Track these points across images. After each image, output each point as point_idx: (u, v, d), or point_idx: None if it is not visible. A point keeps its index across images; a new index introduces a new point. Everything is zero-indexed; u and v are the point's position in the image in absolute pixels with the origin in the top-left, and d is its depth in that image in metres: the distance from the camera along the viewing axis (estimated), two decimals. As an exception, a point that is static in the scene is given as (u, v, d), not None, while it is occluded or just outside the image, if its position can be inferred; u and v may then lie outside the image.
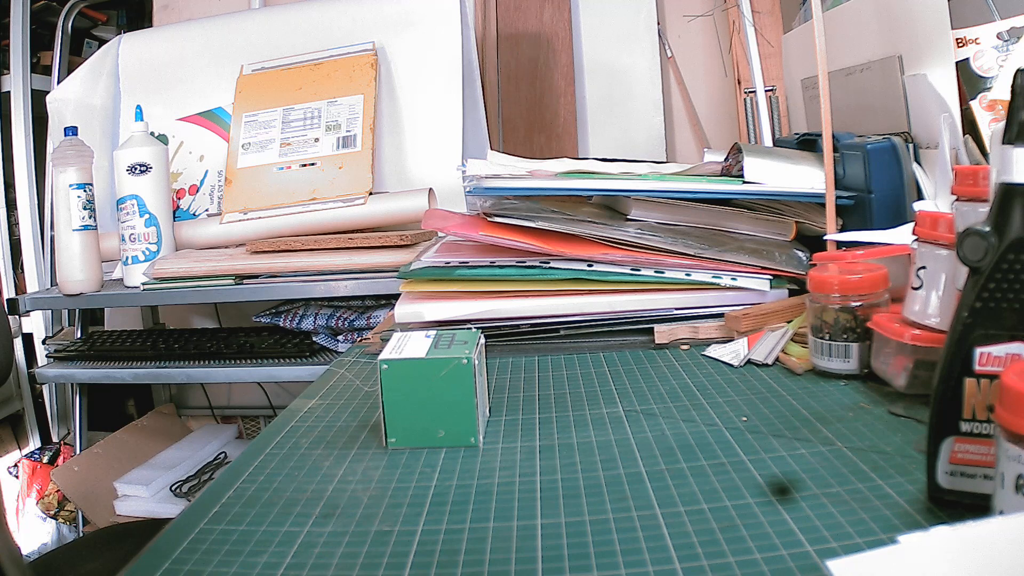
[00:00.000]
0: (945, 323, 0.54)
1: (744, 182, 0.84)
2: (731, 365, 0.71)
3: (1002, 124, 0.39)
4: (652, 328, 0.79)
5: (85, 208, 1.42)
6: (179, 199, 1.63)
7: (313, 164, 1.54)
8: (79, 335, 1.72)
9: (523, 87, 1.79)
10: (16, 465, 1.86)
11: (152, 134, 1.54)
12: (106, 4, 2.10)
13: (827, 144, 0.83)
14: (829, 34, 0.84)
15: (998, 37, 0.84)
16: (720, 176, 0.89)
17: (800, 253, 0.84)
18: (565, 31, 1.79)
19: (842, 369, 0.64)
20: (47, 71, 1.94)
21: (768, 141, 1.39)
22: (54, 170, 1.43)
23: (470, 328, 0.75)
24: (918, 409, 0.56)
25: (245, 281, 1.38)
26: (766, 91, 1.43)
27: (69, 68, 1.89)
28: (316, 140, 1.56)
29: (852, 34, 1.02)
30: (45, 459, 1.81)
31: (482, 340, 0.62)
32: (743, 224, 0.85)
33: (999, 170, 0.39)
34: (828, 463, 0.49)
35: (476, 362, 0.57)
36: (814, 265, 0.75)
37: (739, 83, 1.73)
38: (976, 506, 0.38)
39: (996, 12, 0.86)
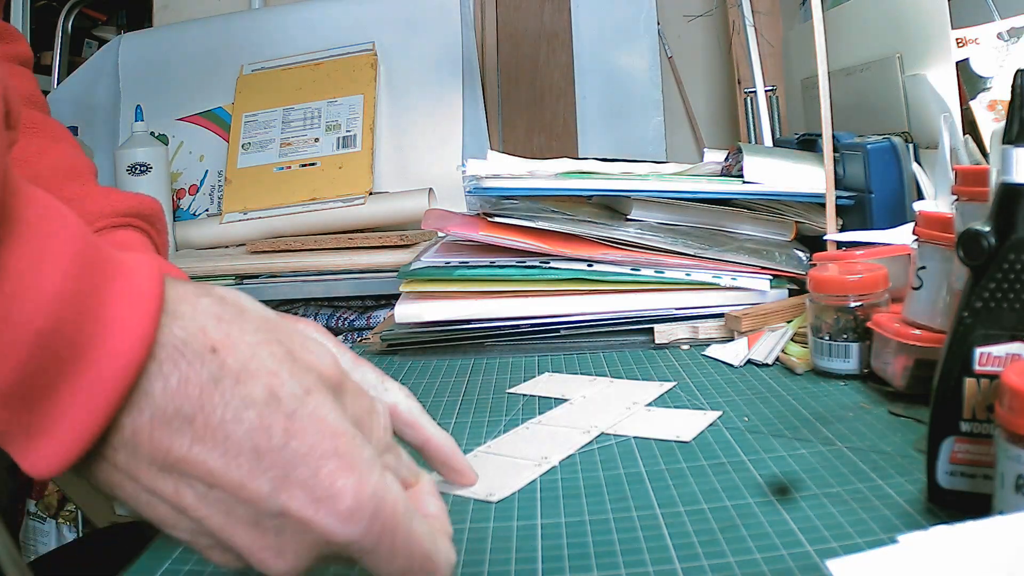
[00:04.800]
0: (945, 323, 0.54)
1: (744, 182, 0.84)
2: (731, 365, 0.71)
3: (1002, 124, 0.39)
4: (652, 328, 0.79)
5: (85, 208, 1.42)
6: (179, 199, 1.63)
7: (313, 164, 1.54)
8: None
9: (523, 87, 1.79)
10: (16, 465, 1.86)
11: (152, 134, 1.54)
12: (106, 4, 2.10)
13: (827, 144, 0.83)
14: (829, 34, 0.84)
15: (998, 37, 0.84)
16: (720, 176, 0.89)
17: (800, 253, 0.84)
18: (565, 31, 1.79)
19: (842, 369, 0.64)
20: (47, 71, 1.94)
21: (768, 141, 1.39)
22: (54, 170, 1.43)
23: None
24: (918, 409, 0.56)
25: (245, 281, 1.38)
26: (766, 91, 1.43)
27: (69, 68, 1.89)
28: (316, 140, 1.56)
29: (852, 34, 1.02)
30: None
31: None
32: (743, 224, 0.85)
33: (999, 170, 0.39)
34: (828, 463, 0.49)
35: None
36: (814, 265, 0.75)
37: (739, 83, 1.73)
38: (976, 506, 0.38)
39: (996, 12, 0.86)
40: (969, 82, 0.85)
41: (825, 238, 0.81)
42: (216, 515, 0.30)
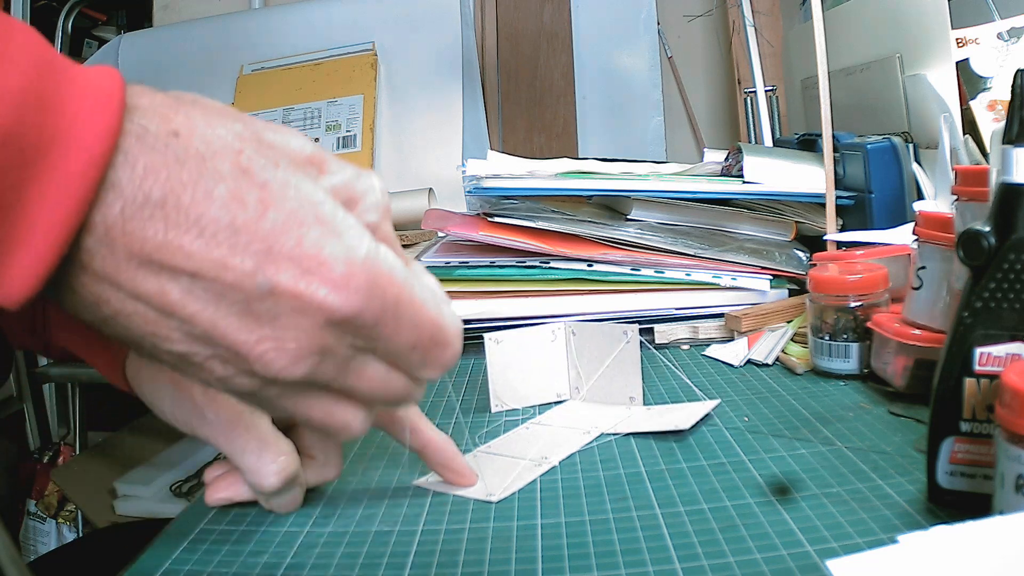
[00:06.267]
0: (945, 323, 0.54)
1: (744, 182, 0.84)
2: (731, 365, 0.71)
3: (1002, 124, 0.39)
4: (652, 328, 0.79)
5: (85, 208, 1.42)
6: (179, 199, 1.63)
7: (313, 164, 1.54)
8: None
9: (523, 87, 1.79)
10: (16, 465, 1.86)
11: (152, 134, 1.53)
12: (106, 4, 2.10)
13: (827, 144, 0.83)
14: (829, 34, 0.84)
15: (998, 37, 0.84)
16: (720, 176, 0.89)
17: (800, 253, 0.84)
18: (565, 31, 1.79)
19: (842, 369, 0.64)
20: (47, 71, 1.93)
21: (768, 141, 1.39)
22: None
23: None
24: (918, 409, 0.56)
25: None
26: (766, 91, 1.43)
27: (69, 68, 1.89)
28: (316, 140, 1.56)
29: (852, 34, 1.02)
30: (45, 459, 1.81)
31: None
32: (743, 224, 0.85)
33: (999, 170, 0.39)
34: (828, 463, 0.49)
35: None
36: (814, 265, 0.75)
37: (739, 83, 1.73)
38: (976, 506, 0.38)
39: (996, 12, 0.86)
40: (969, 82, 0.85)
41: (825, 238, 0.81)
42: (205, 310, 0.28)
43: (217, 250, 0.27)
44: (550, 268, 0.81)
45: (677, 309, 0.81)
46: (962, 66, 0.84)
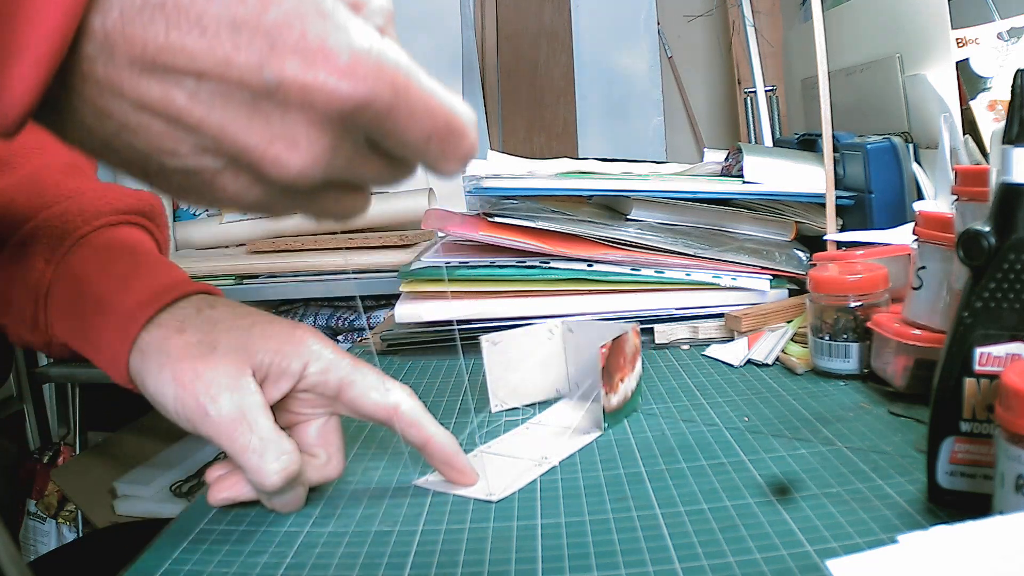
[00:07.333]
0: (945, 323, 0.54)
1: (744, 182, 0.84)
2: (731, 365, 0.71)
3: (1002, 124, 0.39)
4: (652, 328, 0.79)
5: (85, 208, 1.42)
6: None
7: (313, 164, 1.54)
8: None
9: (523, 87, 1.79)
10: (16, 465, 1.86)
11: (152, 134, 1.54)
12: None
13: (827, 144, 0.83)
14: (829, 34, 0.84)
15: (998, 37, 0.84)
16: (720, 176, 0.89)
17: (800, 253, 0.84)
18: (565, 31, 1.79)
19: (842, 369, 0.64)
20: (47, 71, 1.93)
21: (768, 141, 1.39)
22: (54, 170, 1.43)
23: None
24: (918, 409, 0.56)
25: (245, 281, 1.38)
26: (766, 91, 1.43)
27: (69, 68, 1.89)
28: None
29: (852, 34, 1.02)
30: (45, 459, 1.81)
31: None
32: (743, 224, 0.85)
33: (999, 170, 0.39)
34: (828, 463, 0.49)
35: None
36: (814, 265, 0.75)
37: (739, 83, 1.73)
38: (976, 506, 0.38)
39: (996, 12, 0.86)
40: (969, 82, 0.85)
41: (825, 238, 0.81)
42: (212, 112, 0.28)
43: (220, 48, 0.27)
44: (550, 268, 0.81)
45: (677, 309, 0.81)
46: (962, 66, 0.84)
